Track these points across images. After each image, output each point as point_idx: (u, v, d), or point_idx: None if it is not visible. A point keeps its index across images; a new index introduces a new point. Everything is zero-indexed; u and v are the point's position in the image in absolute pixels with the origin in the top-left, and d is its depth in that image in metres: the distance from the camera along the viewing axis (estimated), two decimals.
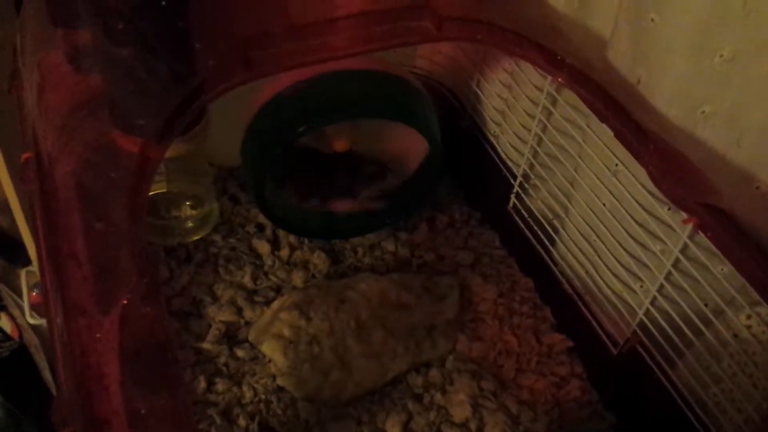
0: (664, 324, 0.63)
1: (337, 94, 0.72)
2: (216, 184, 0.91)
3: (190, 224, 0.84)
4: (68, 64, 0.56)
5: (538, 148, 0.76)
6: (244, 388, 0.73)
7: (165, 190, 0.76)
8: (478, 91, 0.85)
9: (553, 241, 0.78)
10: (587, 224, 0.71)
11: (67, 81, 0.54)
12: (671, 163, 0.55)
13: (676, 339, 0.62)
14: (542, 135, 0.74)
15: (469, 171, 0.93)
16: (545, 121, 0.73)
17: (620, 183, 0.64)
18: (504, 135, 0.82)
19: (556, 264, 0.78)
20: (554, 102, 0.72)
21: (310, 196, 0.84)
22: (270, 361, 0.75)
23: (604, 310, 0.72)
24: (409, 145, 0.81)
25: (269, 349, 0.74)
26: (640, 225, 0.64)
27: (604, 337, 0.72)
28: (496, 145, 0.84)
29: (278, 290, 0.82)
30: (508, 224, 0.83)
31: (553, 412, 0.73)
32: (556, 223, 0.77)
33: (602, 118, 0.60)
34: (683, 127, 0.58)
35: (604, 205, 0.67)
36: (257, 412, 0.72)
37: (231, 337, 0.77)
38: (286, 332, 0.74)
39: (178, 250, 0.84)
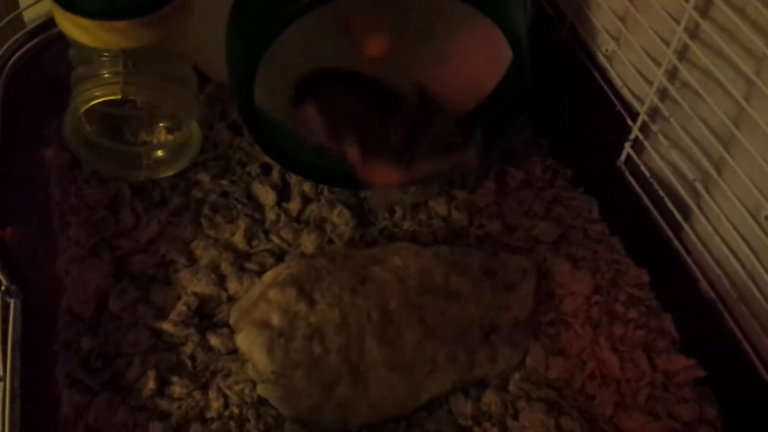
0: None
1: None
2: (213, 106, 0.78)
3: (159, 153, 0.71)
4: None
5: (679, 65, 0.62)
6: (212, 394, 0.61)
7: (119, 96, 0.62)
8: None
9: (688, 215, 0.66)
10: (756, 187, 0.57)
11: None
12: None
13: None
14: (690, 43, 0.60)
15: (561, 108, 0.80)
16: (698, 19, 0.58)
17: None
18: (624, 51, 0.70)
19: (689, 251, 0.66)
20: None
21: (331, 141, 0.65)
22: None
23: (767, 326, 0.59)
24: (477, 54, 0.67)
25: (246, 342, 0.60)
26: None
27: (763, 369, 0.59)
28: (609, 68, 0.71)
29: (280, 257, 0.70)
30: (616, 187, 0.71)
31: None
32: (698, 185, 0.64)
33: None
34: None
35: None
36: None
37: (205, 316, 0.66)
38: (276, 319, 0.61)
39: (151, 189, 0.72)
